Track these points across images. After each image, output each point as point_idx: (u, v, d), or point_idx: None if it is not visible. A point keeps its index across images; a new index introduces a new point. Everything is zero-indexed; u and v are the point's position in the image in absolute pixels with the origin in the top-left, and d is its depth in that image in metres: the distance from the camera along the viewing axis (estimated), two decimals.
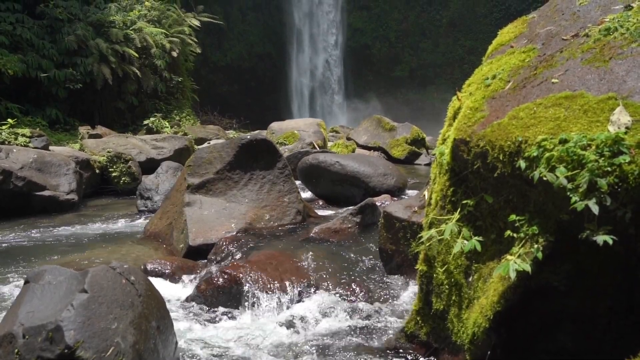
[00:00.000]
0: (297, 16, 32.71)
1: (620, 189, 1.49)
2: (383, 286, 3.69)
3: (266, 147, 5.51)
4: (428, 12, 33.12)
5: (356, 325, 3.22)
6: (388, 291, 3.63)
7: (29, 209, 7.35)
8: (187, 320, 3.41)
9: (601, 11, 2.25)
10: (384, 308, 3.42)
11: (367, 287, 3.65)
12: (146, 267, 4.22)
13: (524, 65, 2.25)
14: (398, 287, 3.66)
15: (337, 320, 3.29)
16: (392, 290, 3.64)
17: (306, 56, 33.33)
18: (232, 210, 5.20)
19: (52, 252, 5.19)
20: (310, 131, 13.08)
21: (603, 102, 1.73)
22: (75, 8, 15.88)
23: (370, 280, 3.77)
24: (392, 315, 3.32)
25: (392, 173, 7.44)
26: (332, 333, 3.14)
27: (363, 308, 3.41)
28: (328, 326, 3.23)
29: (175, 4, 20.74)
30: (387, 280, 3.77)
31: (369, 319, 3.29)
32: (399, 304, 3.46)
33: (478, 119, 2.06)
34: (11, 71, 13.01)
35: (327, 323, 3.27)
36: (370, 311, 3.38)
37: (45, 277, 2.46)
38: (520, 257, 1.77)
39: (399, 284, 3.70)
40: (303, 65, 33.38)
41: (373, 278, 3.81)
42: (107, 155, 9.23)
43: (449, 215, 2.24)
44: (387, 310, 3.39)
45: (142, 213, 7.29)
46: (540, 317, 1.95)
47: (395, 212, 3.64)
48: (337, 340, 3.04)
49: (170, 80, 18.61)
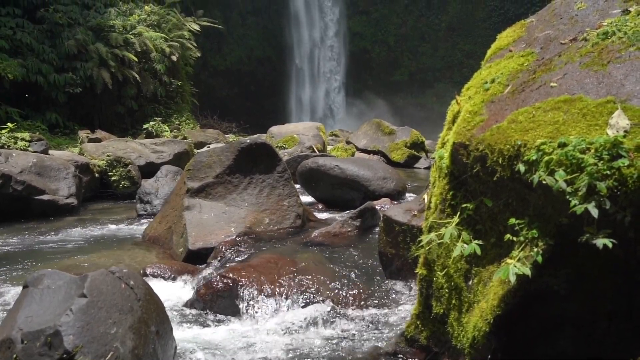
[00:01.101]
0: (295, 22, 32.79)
1: (620, 193, 1.49)
2: (383, 290, 3.69)
3: (266, 151, 5.52)
4: (427, 16, 33.25)
5: (356, 329, 3.21)
6: (388, 295, 3.62)
7: (28, 213, 7.35)
8: (187, 325, 3.40)
9: (599, 15, 2.26)
10: (383, 312, 3.41)
11: (366, 291, 3.65)
12: (146, 271, 4.21)
13: (522, 69, 2.25)
14: (398, 291, 3.65)
15: (337, 324, 3.28)
16: (392, 294, 3.63)
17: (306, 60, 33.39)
18: (232, 214, 5.20)
19: (51, 256, 5.18)
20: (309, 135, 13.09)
21: (602, 105, 1.73)
22: (75, 13, 15.93)
23: (370, 284, 3.76)
24: (392, 319, 3.31)
25: (392, 177, 7.44)
26: (331, 337, 3.13)
27: (363, 312, 3.41)
28: (328, 330, 3.22)
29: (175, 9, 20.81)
30: (387, 284, 3.76)
31: (369, 323, 3.28)
32: (398, 308, 3.45)
33: (477, 123, 2.06)
34: (11, 75, 13.04)
35: (326, 327, 3.26)
36: (370, 315, 3.37)
37: (44, 281, 2.45)
38: (520, 260, 1.77)
39: (399, 288, 3.69)
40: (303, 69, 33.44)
41: (373, 282, 3.80)
42: (107, 159, 9.23)
43: (448, 219, 2.24)
44: (387, 314, 3.39)
45: (142, 217, 7.28)
46: (540, 321, 1.95)
47: (394, 215, 3.64)
48: (336, 344, 3.03)
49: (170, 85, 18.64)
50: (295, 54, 33.39)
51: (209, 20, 22.59)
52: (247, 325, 3.38)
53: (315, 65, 33.61)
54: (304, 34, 33.28)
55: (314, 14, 33.30)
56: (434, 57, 33.18)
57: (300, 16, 33.03)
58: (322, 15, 33.44)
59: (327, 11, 33.45)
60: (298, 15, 32.98)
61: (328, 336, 3.15)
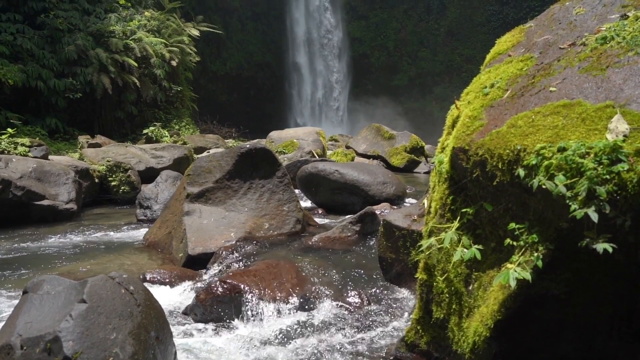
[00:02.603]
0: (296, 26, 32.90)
1: (620, 197, 1.49)
2: (383, 295, 3.68)
3: (265, 156, 5.52)
4: (426, 21, 33.37)
5: (356, 334, 3.20)
6: (388, 300, 3.61)
7: (28, 219, 7.34)
8: (187, 330, 3.39)
9: (597, 20, 2.27)
10: (383, 317, 3.40)
11: (366, 296, 3.64)
12: (145, 276, 4.20)
13: (521, 73, 2.26)
14: (398, 296, 3.65)
15: (337, 329, 3.27)
16: (391, 299, 3.63)
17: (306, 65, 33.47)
18: (232, 219, 5.20)
19: (50, 261, 5.17)
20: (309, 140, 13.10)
21: (601, 110, 1.73)
22: (76, 18, 15.99)
23: (370, 289, 3.76)
24: (392, 324, 3.30)
25: (392, 181, 7.44)
26: (332, 342, 3.12)
27: (363, 317, 3.40)
28: (328, 335, 3.22)
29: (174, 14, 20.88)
30: (386, 289, 3.75)
31: (368, 328, 3.28)
32: (398, 313, 3.44)
33: (477, 128, 2.06)
34: (11, 81, 13.07)
35: (326, 332, 3.25)
36: (370, 320, 3.36)
37: (43, 287, 2.45)
38: (521, 265, 1.77)
39: (399, 293, 3.68)
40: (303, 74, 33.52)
41: (373, 287, 3.79)
42: (107, 164, 9.23)
43: (448, 224, 2.24)
44: (387, 319, 3.38)
45: (142, 222, 7.27)
46: (541, 326, 1.94)
47: (394, 220, 3.63)
48: (336, 349, 3.02)
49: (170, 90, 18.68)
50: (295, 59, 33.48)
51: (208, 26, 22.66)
52: (247, 331, 3.37)
53: (315, 70, 33.68)
54: (303, 39, 33.39)
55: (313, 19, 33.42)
56: (434, 61, 33.27)
57: (299, 21, 33.15)
58: (321, 20, 33.56)
59: (326, 16, 33.57)
60: (297, 20, 33.11)
61: (328, 341, 3.14)
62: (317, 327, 3.30)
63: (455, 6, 32.27)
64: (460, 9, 32.11)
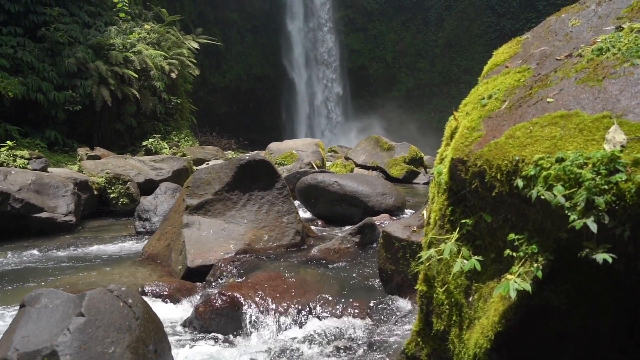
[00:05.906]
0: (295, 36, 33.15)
1: (618, 207, 1.49)
2: (383, 306, 3.66)
3: (265, 167, 5.52)
4: (424, 32, 33.62)
5: (356, 346, 3.18)
6: (388, 312, 3.59)
7: (27, 231, 7.32)
8: (186, 343, 3.37)
9: (593, 32, 2.29)
10: (383, 329, 3.38)
11: (366, 308, 3.62)
12: (144, 289, 4.18)
13: (519, 85, 2.27)
14: (398, 308, 3.63)
15: (337, 342, 3.25)
16: (391, 310, 3.60)
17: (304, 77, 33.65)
18: (231, 231, 5.19)
19: (49, 274, 5.14)
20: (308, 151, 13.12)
21: (598, 120, 1.74)
22: (76, 31, 16.09)
23: (369, 301, 3.74)
24: (392, 336, 3.28)
25: (391, 192, 7.44)
26: (332, 354, 3.09)
27: (363, 329, 3.38)
28: (328, 348, 3.19)
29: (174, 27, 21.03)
30: (386, 300, 3.73)
31: (368, 339, 3.25)
32: (398, 325, 3.42)
33: (475, 139, 2.07)
34: (11, 94, 13.11)
35: (326, 344, 3.23)
36: (370, 332, 3.34)
37: (41, 300, 2.43)
38: (520, 276, 1.76)
39: (399, 304, 3.66)
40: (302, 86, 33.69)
41: (372, 298, 3.77)
42: (106, 176, 9.23)
43: (448, 235, 2.23)
44: (387, 331, 3.36)
45: (141, 234, 7.25)
46: (542, 337, 1.93)
47: (394, 231, 3.63)
48: None
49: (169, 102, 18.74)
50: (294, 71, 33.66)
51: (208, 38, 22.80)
52: (246, 343, 3.34)
53: (314, 82, 33.85)
54: (301, 51, 33.60)
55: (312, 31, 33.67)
56: (432, 72, 33.46)
57: (298, 33, 33.40)
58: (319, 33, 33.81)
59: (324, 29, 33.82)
60: (296, 32, 33.35)
61: (328, 353, 3.11)
62: (317, 340, 3.27)
63: (453, 18, 32.55)
64: (458, 21, 32.38)
